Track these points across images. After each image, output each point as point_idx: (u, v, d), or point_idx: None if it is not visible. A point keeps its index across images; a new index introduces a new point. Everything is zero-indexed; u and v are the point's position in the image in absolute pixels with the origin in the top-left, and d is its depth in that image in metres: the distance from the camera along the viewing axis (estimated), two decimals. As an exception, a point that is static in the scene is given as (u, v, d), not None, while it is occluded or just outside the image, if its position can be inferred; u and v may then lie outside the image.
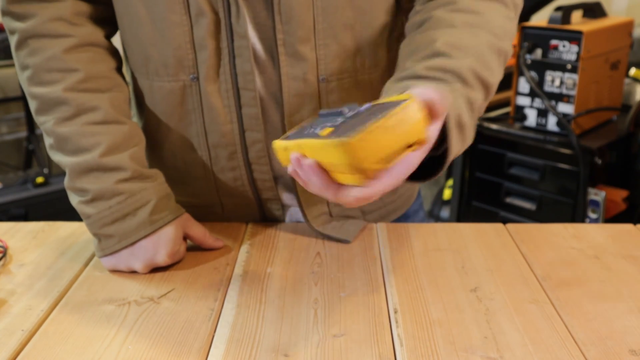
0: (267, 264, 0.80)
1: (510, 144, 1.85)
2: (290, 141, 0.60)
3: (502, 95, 2.15)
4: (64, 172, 0.79)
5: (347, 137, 0.52)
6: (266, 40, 0.78)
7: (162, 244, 0.77)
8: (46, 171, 2.69)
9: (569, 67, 1.66)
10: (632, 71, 1.92)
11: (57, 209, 2.28)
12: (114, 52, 0.85)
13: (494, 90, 0.73)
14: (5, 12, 0.79)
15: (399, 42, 0.78)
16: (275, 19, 0.76)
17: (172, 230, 0.79)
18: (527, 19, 2.26)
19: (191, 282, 0.76)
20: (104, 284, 0.76)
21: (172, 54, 0.79)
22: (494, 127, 1.86)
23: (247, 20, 0.76)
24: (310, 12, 0.75)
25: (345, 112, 0.58)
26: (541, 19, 1.91)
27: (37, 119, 0.80)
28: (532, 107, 1.77)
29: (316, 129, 0.58)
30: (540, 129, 1.77)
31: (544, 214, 1.81)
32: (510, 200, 1.90)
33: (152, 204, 0.78)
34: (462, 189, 2.01)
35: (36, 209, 2.30)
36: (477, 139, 1.93)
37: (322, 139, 0.55)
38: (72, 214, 0.81)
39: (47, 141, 0.80)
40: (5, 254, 0.83)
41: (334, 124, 0.57)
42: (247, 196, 0.87)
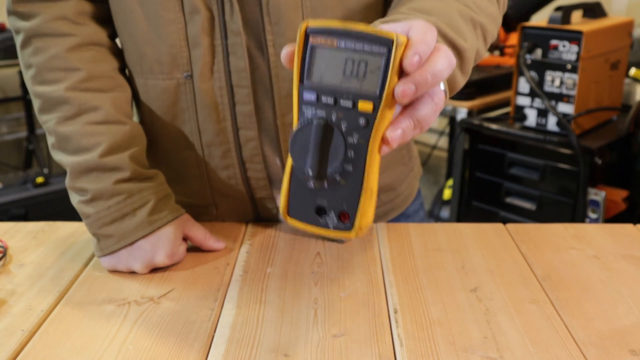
0: (267, 264, 0.80)
1: (510, 144, 1.85)
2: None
3: (502, 95, 2.16)
4: (64, 172, 0.79)
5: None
6: (258, 37, 0.78)
7: (161, 245, 0.77)
8: (46, 171, 2.69)
9: (569, 67, 1.66)
10: (632, 71, 1.92)
11: (57, 209, 2.28)
12: (117, 52, 0.85)
13: (469, 57, 0.68)
14: (10, 12, 0.80)
15: None
16: (264, 19, 0.76)
17: (172, 230, 0.79)
18: (527, 19, 2.26)
19: (191, 282, 0.76)
20: (104, 284, 0.76)
21: (166, 52, 0.79)
22: (494, 127, 1.86)
23: (240, 17, 0.76)
24: (299, 12, 0.75)
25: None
26: (541, 19, 1.91)
27: (40, 118, 0.80)
28: (532, 107, 1.77)
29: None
30: (540, 129, 1.77)
31: (544, 214, 1.81)
32: (510, 200, 1.90)
33: (151, 205, 0.78)
34: (462, 189, 2.01)
35: (36, 209, 2.30)
36: (477, 139, 1.93)
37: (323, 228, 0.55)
38: (72, 214, 0.81)
39: (49, 140, 0.80)
40: (5, 254, 0.83)
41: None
42: (241, 195, 0.87)
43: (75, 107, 0.78)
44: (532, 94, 1.75)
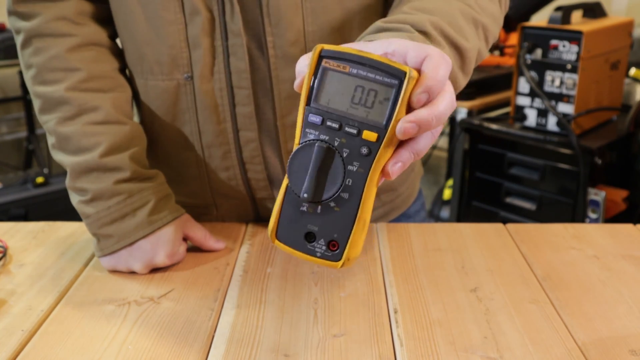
0: (267, 264, 0.80)
1: (510, 144, 1.85)
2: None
3: (502, 95, 2.16)
4: (64, 172, 0.79)
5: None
6: (258, 37, 0.78)
7: (161, 245, 0.78)
8: (46, 171, 2.69)
9: (569, 67, 1.66)
10: (632, 71, 1.92)
11: (57, 209, 2.28)
12: (118, 52, 0.85)
13: (470, 57, 0.68)
14: (10, 12, 0.80)
15: None
16: (264, 21, 0.76)
17: (171, 231, 0.79)
18: (527, 19, 2.26)
19: (191, 282, 0.76)
20: (104, 284, 0.76)
21: (166, 53, 0.79)
22: (494, 127, 1.86)
23: (241, 18, 0.76)
24: (299, 14, 0.75)
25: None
26: (541, 19, 1.91)
27: (41, 118, 0.80)
28: (532, 107, 1.77)
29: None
30: (540, 129, 1.77)
31: (544, 214, 1.81)
32: (510, 200, 1.90)
33: (151, 205, 0.78)
34: (462, 189, 2.01)
35: (36, 209, 2.30)
36: (477, 139, 1.93)
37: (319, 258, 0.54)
38: (72, 214, 0.81)
39: (50, 140, 0.80)
40: (5, 254, 0.83)
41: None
42: (241, 196, 0.87)
43: (75, 107, 0.78)
44: (532, 94, 1.75)
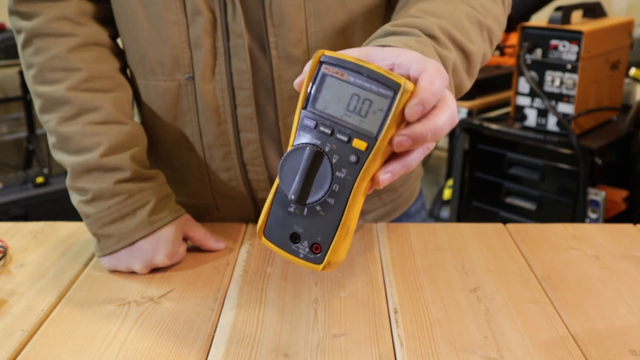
0: (267, 264, 0.80)
1: (510, 144, 1.85)
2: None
3: (502, 95, 2.16)
4: (64, 172, 0.79)
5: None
6: (260, 38, 0.78)
7: (161, 245, 0.78)
8: (46, 171, 2.69)
9: (569, 67, 1.66)
10: (632, 71, 1.92)
11: (57, 209, 2.28)
12: (119, 52, 0.85)
13: (476, 60, 0.69)
14: (12, 12, 0.80)
15: None
16: (267, 22, 0.76)
17: (172, 231, 0.79)
18: (527, 19, 2.26)
19: (191, 282, 0.76)
20: (104, 284, 0.76)
21: (168, 53, 0.79)
22: (494, 127, 1.86)
23: (242, 18, 0.76)
24: (302, 15, 0.75)
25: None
26: (541, 19, 1.91)
27: (41, 117, 0.80)
28: (532, 107, 1.77)
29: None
30: (540, 129, 1.77)
31: (544, 214, 1.81)
32: (510, 200, 1.90)
33: (151, 205, 0.78)
34: (462, 189, 2.01)
35: (36, 209, 2.30)
36: (477, 139, 1.93)
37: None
38: (72, 214, 0.81)
39: (50, 140, 0.80)
40: (5, 254, 0.83)
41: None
42: (242, 196, 0.87)
43: (76, 107, 0.78)
44: (532, 94, 1.75)
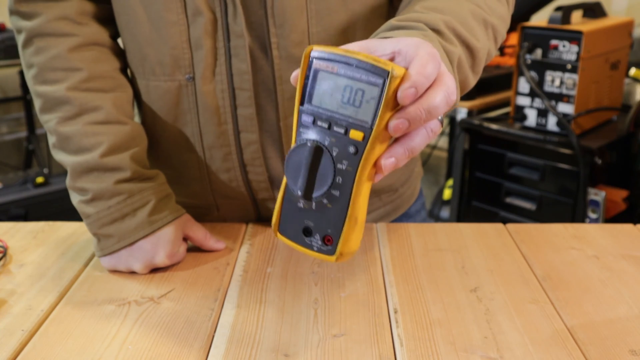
0: (267, 264, 0.80)
1: (510, 144, 1.85)
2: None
3: (502, 95, 2.16)
4: (64, 172, 0.79)
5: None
6: (261, 38, 0.78)
7: (161, 245, 0.78)
8: (46, 171, 2.69)
9: (569, 67, 1.66)
10: (632, 71, 1.92)
11: (57, 209, 2.28)
12: (119, 52, 0.85)
13: (481, 57, 0.69)
14: (12, 12, 0.80)
15: None
16: (269, 22, 0.76)
17: (172, 231, 0.79)
18: (527, 19, 2.26)
19: (191, 282, 0.76)
20: (104, 284, 0.76)
21: (168, 53, 0.79)
22: (494, 127, 1.86)
23: (243, 18, 0.76)
24: (304, 15, 0.75)
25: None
26: (541, 19, 1.91)
27: (41, 117, 0.80)
28: (532, 107, 1.77)
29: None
30: (540, 129, 1.77)
31: (544, 214, 1.82)
32: (510, 200, 1.90)
33: (151, 205, 0.78)
34: (462, 189, 2.01)
35: (36, 209, 2.30)
36: (477, 139, 1.93)
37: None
38: (72, 214, 0.81)
39: (50, 140, 0.80)
40: (5, 254, 0.83)
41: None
42: (242, 197, 0.87)
43: (76, 107, 0.78)
44: (532, 94, 1.75)
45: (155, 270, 0.79)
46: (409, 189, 0.98)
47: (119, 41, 0.86)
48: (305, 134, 0.54)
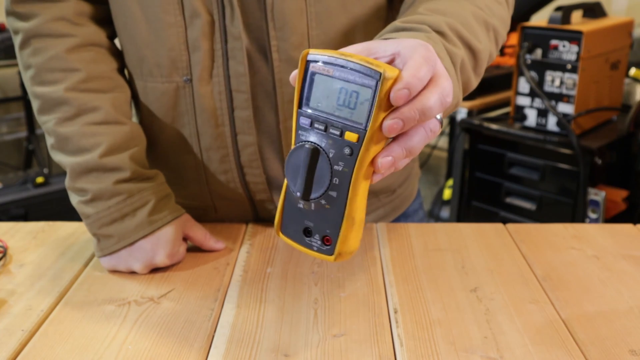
0: (267, 264, 0.80)
1: (510, 144, 1.85)
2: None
3: (502, 95, 2.16)
4: (64, 172, 0.79)
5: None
6: (259, 41, 0.77)
7: (161, 245, 0.77)
8: (46, 171, 2.69)
9: (569, 67, 1.66)
10: (632, 71, 1.92)
11: (57, 209, 2.28)
12: (117, 53, 0.85)
13: (482, 58, 0.69)
14: (9, 12, 0.80)
15: None
16: (268, 25, 0.76)
17: (172, 230, 0.79)
18: (527, 19, 2.26)
19: (191, 282, 0.76)
20: (104, 284, 0.76)
21: (166, 55, 0.79)
22: (494, 127, 1.86)
23: (241, 21, 0.76)
24: (303, 18, 0.75)
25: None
26: (541, 19, 1.91)
27: (39, 118, 0.80)
28: (532, 107, 1.77)
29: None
30: (540, 129, 1.77)
31: (544, 214, 1.81)
32: (510, 200, 1.90)
33: (151, 205, 0.78)
34: (462, 189, 2.01)
35: (36, 209, 2.30)
36: (477, 139, 1.93)
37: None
38: (72, 214, 0.81)
39: (49, 141, 0.80)
40: (5, 254, 0.83)
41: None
42: (240, 198, 0.87)
43: (74, 107, 0.78)
44: (532, 94, 1.75)
45: (155, 270, 0.79)
46: (407, 190, 0.98)
47: (117, 42, 0.86)
48: (303, 136, 0.55)
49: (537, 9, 2.26)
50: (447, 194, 2.49)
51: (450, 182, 2.43)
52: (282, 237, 0.59)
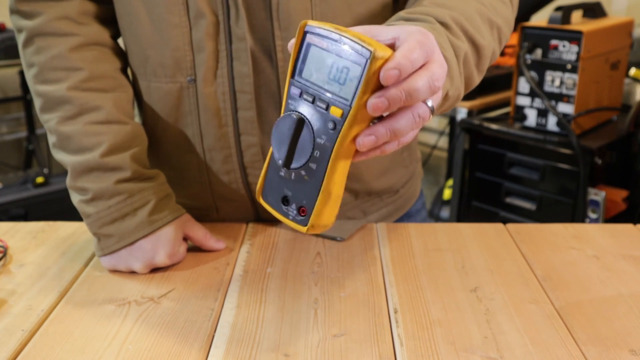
0: (267, 264, 0.80)
1: (510, 144, 1.85)
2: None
3: (502, 95, 2.16)
4: (64, 172, 0.79)
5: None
6: (264, 41, 0.78)
7: (161, 245, 0.78)
8: (46, 171, 2.69)
9: (569, 67, 1.66)
10: (632, 71, 1.92)
11: (57, 209, 2.28)
12: (120, 53, 0.85)
13: (485, 55, 0.70)
14: (13, 11, 0.80)
15: None
16: (274, 25, 0.76)
17: (172, 230, 0.79)
18: (527, 19, 2.26)
19: (191, 282, 0.76)
20: (104, 284, 0.76)
21: (170, 55, 0.79)
22: (494, 127, 1.86)
23: (245, 22, 0.76)
24: (308, 18, 0.75)
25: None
26: (541, 19, 1.91)
27: (41, 117, 0.80)
28: (532, 107, 1.77)
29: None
30: (540, 129, 1.77)
31: (544, 214, 1.82)
32: (510, 200, 1.90)
33: (151, 205, 0.78)
34: (462, 189, 2.01)
35: (36, 209, 2.30)
36: (477, 139, 1.93)
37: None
38: (72, 214, 0.81)
39: (50, 140, 0.80)
40: (5, 254, 0.83)
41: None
42: (242, 199, 0.87)
43: (76, 106, 0.78)
44: (532, 94, 1.75)
45: (155, 270, 0.79)
46: (410, 190, 0.98)
47: (120, 42, 0.86)
48: (292, 106, 0.56)
49: (537, 9, 2.26)
50: (447, 194, 2.49)
51: (450, 182, 2.43)
52: (261, 202, 0.60)
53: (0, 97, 3.23)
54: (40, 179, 2.34)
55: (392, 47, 0.54)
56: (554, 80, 1.70)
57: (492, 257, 0.81)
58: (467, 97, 2.09)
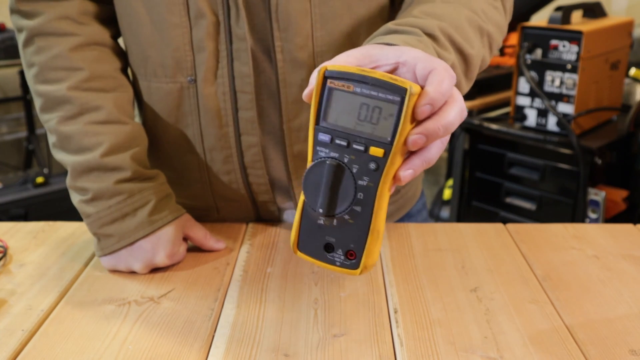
0: (267, 264, 0.80)
1: (510, 144, 1.85)
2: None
3: (502, 95, 2.16)
4: (64, 172, 0.79)
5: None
6: (264, 41, 0.78)
7: (161, 245, 0.78)
8: (46, 171, 2.69)
9: (569, 67, 1.66)
10: (632, 71, 1.92)
11: (57, 209, 2.28)
12: (120, 53, 0.85)
13: (475, 64, 0.70)
14: (13, 10, 0.80)
15: None
16: (273, 25, 0.76)
17: (172, 230, 0.79)
18: (527, 19, 2.26)
19: (191, 282, 0.76)
20: (104, 284, 0.76)
21: (170, 55, 0.79)
22: (494, 127, 1.86)
23: (246, 22, 0.76)
24: (308, 19, 0.75)
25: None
26: (541, 19, 1.91)
27: (42, 116, 0.80)
28: (532, 107, 1.77)
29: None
30: (540, 129, 1.77)
31: (544, 214, 1.82)
32: (510, 200, 1.90)
33: (151, 205, 0.78)
34: (462, 189, 2.01)
35: (36, 209, 2.30)
36: (477, 139, 1.93)
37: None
38: (72, 214, 0.81)
39: (51, 139, 0.80)
40: (5, 254, 0.83)
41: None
42: (242, 199, 0.87)
43: (77, 106, 0.78)
44: (532, 94, 1.75)
45: (155, 270, 0.79)
46: (411, 190, 0.98)
47: (120, 42, 0.86)
48: (323, 152, 0.55)
49: (537, 9, 2.26)
50: (447, 194, 2.48)
51: (450, 182, 2.43)
52: (300, 254, 0.58)
53: (0, 97, 3.23)
54: (40, 179, 2.34)
55: (396, 71, 0.55)
56: (554, 80, 1.70)
57: (492, 257, 0.81)
58: (467, 97, 2.09)
